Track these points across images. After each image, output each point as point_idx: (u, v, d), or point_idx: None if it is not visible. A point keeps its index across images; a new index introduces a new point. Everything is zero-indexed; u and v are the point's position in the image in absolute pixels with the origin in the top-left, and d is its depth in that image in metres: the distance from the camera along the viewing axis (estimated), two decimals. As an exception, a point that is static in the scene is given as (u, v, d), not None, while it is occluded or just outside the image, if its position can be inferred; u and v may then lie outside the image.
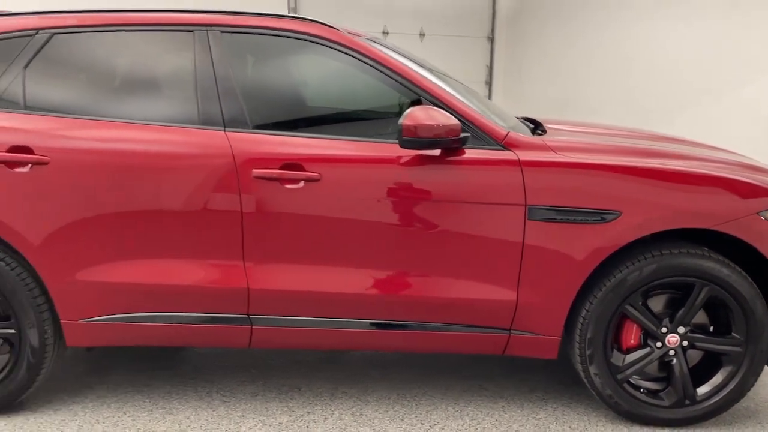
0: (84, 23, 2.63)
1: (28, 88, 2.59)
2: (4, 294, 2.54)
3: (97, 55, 2.68)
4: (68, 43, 2.63)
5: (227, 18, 2.64)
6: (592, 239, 2.48)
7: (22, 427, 2.59)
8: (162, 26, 2.64)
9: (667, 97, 7.14)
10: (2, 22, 2.64)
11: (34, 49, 2.60)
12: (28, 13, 2.67)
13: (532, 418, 2.72)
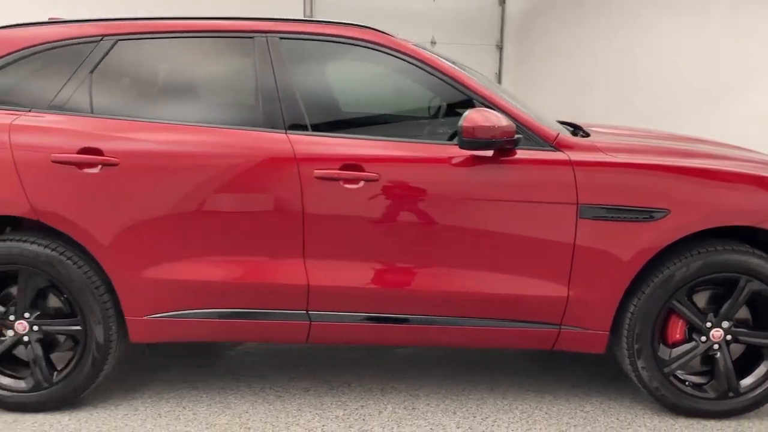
0: (147, 30, 2.72)
1: (95, 93, 2.67)
2: (71, 292, 2.61)
3: (160, 60, 2.77)
4: (132, 49, 2.72)
5: (285, 25, 2.73)
6: (641, 237, 2.58)
7: (87, 421, 2.66)
8: (223, 33, 2.73)
9: (674, 102, 7.27)
10: (68, 29, 2.73)
11: (99, 55, 2.68)
12: (92, 20, 2.76)
13: (580, 411, 2.81)
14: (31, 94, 2.68)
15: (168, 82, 2.81)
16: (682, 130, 6.55)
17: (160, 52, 2.75)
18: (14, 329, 2.67)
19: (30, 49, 2.70)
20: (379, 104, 3.04)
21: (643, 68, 7.70)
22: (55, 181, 2.54)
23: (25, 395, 2.70)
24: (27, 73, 2.71)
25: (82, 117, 2.62)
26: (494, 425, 2.67)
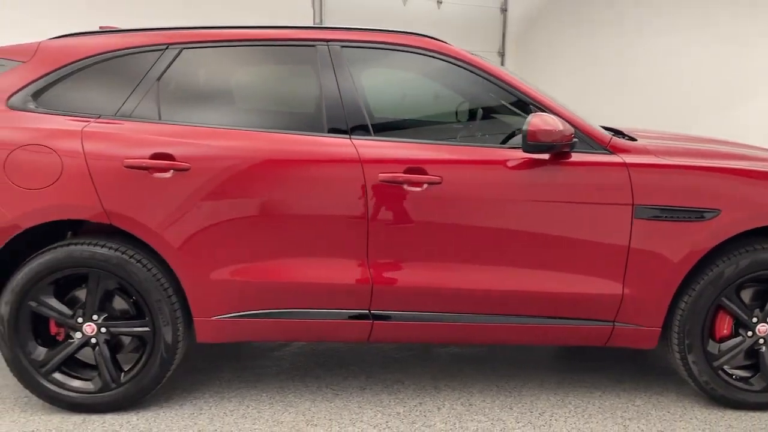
0: (211, 38, 2.80)
1: (162, 100, 2.74)
2: (141, 294, 2.67)
3: (224, 68, 2.85)
4: (197, 58, 2.79)
5: (347, 33, 2.82)
6: (693, 236, 2.68)
7: (155, 420, 2.72)
8: (285, 41, 2.81)
9: (675, 109, 7.42)
10: (133, 38, 2.80)
11: (165, 63, 2.75)
12: (156, 29, 2.83)
13: (631, 405, 2.90)
14: (98, 102, 2.74)
15: (232, 89, 2.89)
16: (691, 132, 6.70)
17: (224, 60, 2.83)
18: (82, 331, 2.72)
19: (96, 57, 2.77)
20: (436, 109, 3.13)
21: (645, 75, 7.85)
22: (128, 185, 2.60)
23: (92, 396, 2.74)
24: (93, 80, 2.77)
25: (151, 123, 2.69)
26: (552, 419, 2.76)
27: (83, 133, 2.63)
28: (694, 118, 6.93)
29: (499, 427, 2.69)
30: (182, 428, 2.65)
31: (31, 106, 2.71)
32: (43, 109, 2.71)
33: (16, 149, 2.59)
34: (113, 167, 2.60)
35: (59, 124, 2.66)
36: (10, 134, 2.63)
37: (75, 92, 2.75)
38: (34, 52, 2.81)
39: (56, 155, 2.59)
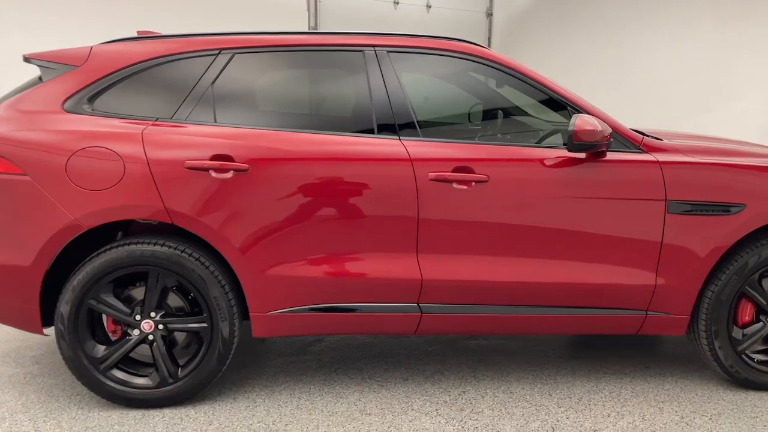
0: (262, 44, 2.90)
1: (216, 103, 2.83)
2: (200, 290, 2.76)
3: (275, 72, 2.95)
4: (249, 62, 2.89)
5: (393, 39, 2.94)
6: (720, 229, 2.87)
7: (213, 413, 2.80)
8: (334, 47, 2.92)
9: (662, 112, 7.68)
10: (186, 43, 2.88)
11: (218, 68, 2.84)
12: (208, 34, 2.92)
13: (661, 389, 3.08)
14: (153, 105, 2.82)
15: (283, 92, 2.99)
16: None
17: (274, 64, 2.93)
18: (140, 328, 2.79)
19: (149, 62, 2.84)
20: (478, 111, 3.26)
21: (631, 80, 8.09)
22: (189, 186, 2.68)
23: (150, 392, 2.82)
24: (147, 84, 2.85)
25: (209, 126, 2.78)
26: (590, 404, 2.92)
27: (144, 136, 2.70)
28: (677, 120, 7.19)
29: (543, 412, 2.84)
30: (241, 420, 2.74)
31: (87, 109, 2.77)
32: (98, 112, 2.77)
33: (77, 151, 2.66)
34: (175, 168, 2.68)
35: (119, 127, 2.73)
36: (71, 137, 2.69)
37: (129, 96, 2.82)
38: (86, 56, 2.87)
39: (118, 157, 2.66)
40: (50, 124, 2.72)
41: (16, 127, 2.72)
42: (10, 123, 2.74)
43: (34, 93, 2.81)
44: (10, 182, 2.67)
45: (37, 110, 2.77)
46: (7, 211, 2.69)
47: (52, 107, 2.77)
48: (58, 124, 2.73)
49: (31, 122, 2.73)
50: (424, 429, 2.68)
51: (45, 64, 2.86)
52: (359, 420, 2.76)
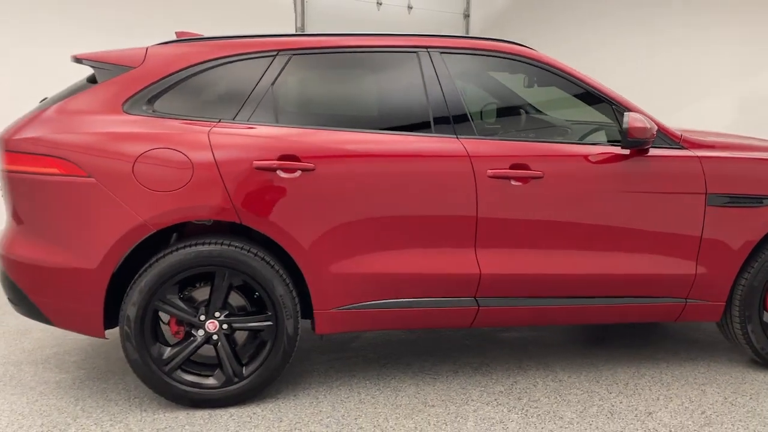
0: (319, 45, 2.94)
1: (277, 104, 2.87)
2: (265, 289, 2.78)
3: (332, 73, 3.00)
4: (306, 64, 2.94)
5: (445, 41, 3.03)
6: (754, 220, 3.06)
7: (279, 410, 2.83)
8: (389, 48, 2.99)
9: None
10: (244, 44, 2.91)
11: (277, 69, 2.88)
12: (264, 36, 2.95)
13: (698, 373, 3.26)
14: (214, 106, 2.84)
15: (340, 93, 3.04)
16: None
17: (332, 65, 2.98)
18: (204, 329, 2.80)
19: (207, 63, 2.85)
20: (526, 110, 3.37)
21: (606, 81, 8.36)
22: (258, 186, 2.71)
23: (215, 391, 2.83)
24: (207, 85, 2.86)
25: (272, 126, 2.81)
26: (637, 389, 3.07)
27: (210, 137, 2.72)
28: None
29: (596, 397, 2.97)
30: (310, 416, 2.78)
31: (148, 110, 2.77)
32: (159, 113, 2.77)
33: (145, 153, 2.66)
34: (243, 169, 2.70)
35: (184, 128, 2.74)
36: (137, 139, 2.69)
37: (189, 98, 2.83)
38: (143, 58, 2.86)
39: (186, 158, 2.67)
40: (113, 126, 2.71)
41: (76, 128, 2.70)
42: (69, 125, 2.71)
43: (91, 94, 2.79)
44: (74, 184, 2.65)
45: (95, 112, 2.75)
46: (70, 214, 2.67)
47: (112, 109, 2.76)
48: (121, 125, 2.72)
49: (91, 124, 2.71)
50: (490, 418, 2.77)
51: (100, 66, 2.84)
52: (424, 411, 2.83)
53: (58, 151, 2.65)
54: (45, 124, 2.71)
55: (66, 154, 2.65)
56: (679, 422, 2.75)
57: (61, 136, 2.68)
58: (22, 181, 2.70)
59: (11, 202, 2.76)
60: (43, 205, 2.69)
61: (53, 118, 2.73)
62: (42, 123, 2.72)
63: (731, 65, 6.66)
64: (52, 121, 2.72)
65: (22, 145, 2.68)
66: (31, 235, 2.72)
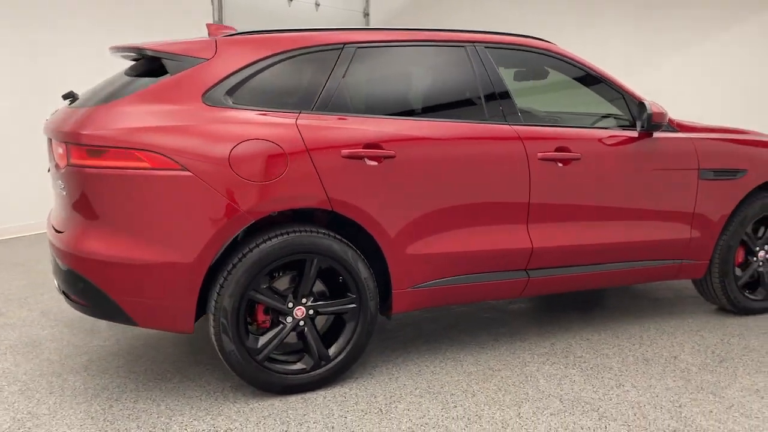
0: (381, 39, 3.11)
1: (350, 94, 2.99)
2: (351, 273, 2.90)
3: (394, 65, 3.18)
4: (370, 56, 3.08)
5: (488, 36, 3.32)
6: (732, 190, 3.69)
7: (366, 388, 2.97)
8: (442, 42, 3.22)
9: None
10: (312, 37, 3.00)
11: (346, 61, 3.00)
12: (330, 30, 3.06)
13: (689, 322, 3.85)
14: (290, 97, 2.90)
15: (402, 84, 3.21)
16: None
17: (394, 58, 3.16)
18: (293, 315, 2.87)
19: (280, 55, 2.91)
20: (557, 100, 3.74)
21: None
22: (347, 174, 2.83)
23: (304, 376, 2.90)
24: (280, 77, 2.91)
25: (354, 117, 2.93)
26: (651, 339, 3.57)
27: (299, 128, 2.79)
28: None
29: (626, 350, 3.43)
30: (397, 389, 2.95)
31: (229, 102, 2.78)
32: (240, 105, 2.79)
33: (240, 143, 2.67)
34: (333, 158, 2.80)
35: (271, 119, 2.78)
36: (230, 130, 2.69)
37: (265, 89, 2.86)
38: (214, 49, 2.85)
39: (281, 149, 2.72)
40: (201, 118, 2.69)
41: (161, 121, 2.65)
42: (152, 117, 2.65)
43: (166, 86, 2.74)
44: (167, 178, 2.60)
45: (176, 103, 2.71)
46: (164, 207, 2.62)
47: (192, 101, 2.73)
48: (208, 117, 2.70)
49: (177, 116, 2.68)
50: (554, 374, 3.12)
51: (170, 57, 2.79)
52: (495, 376, 3.12)
53: (146, 144, 2.58)
54: (122, 117, 2.63)
55: (157, 148, 2.59)
56: (701, 361, 3.27)
57: (146, 129, 2.61)
58: (99, 177, 2.60)
59: (81, 197, 2.64)
60: (129, 200, 2.61)
61: (130, 111, 2.65)
62: (118, 116, 2.63)
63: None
64: (130, 114, 2.64)
65: (98, 139, 2.58)
66: (113, 231, 2.63)
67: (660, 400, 2.86)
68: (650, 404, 2.82)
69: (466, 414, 2.74)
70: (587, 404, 2.82)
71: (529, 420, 2.68)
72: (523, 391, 2.94)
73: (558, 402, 2.84)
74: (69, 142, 2.64)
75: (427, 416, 2.71)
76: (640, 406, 2.80)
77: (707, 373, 3.14)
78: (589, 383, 3.02)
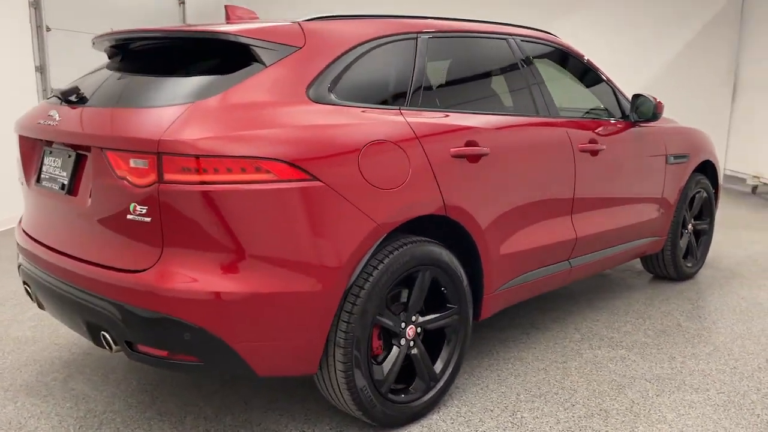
0: (450, 29, 2.94)
1: (433, 88, 2.76)
2: (454, 281, 2.66)
3: (461, 56, 3.02)
4: (440, 47, 2.88)
5: (519, 30, 3.32)
6: (682, 172, 4.21)
7: (474, 401, 2.79)
8: (484, 34, 3.14)
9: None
10: (393, 24, 2.70)
11: (424, 51, 2.75)
12: (399, 17, 2.78)
13: (637, 297, 4.30)
14: (384, 92, 2.59)
15: (468, 76, 3.05)
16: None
17: (461, 48, 3.01)
18: (405, 336, 2.57)
19: (365, 45, 2.56)
20: (569, 93, 3.80)
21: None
22: (455, 175, 2.60)
23: (420, 402, 2.61)
24: (369, 68, 2.57)
25: (448, 113, 2.71)
26: (635, 321, 3.93)
27: (411, 126, 2.49)
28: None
29: (640, 332, 3.72)
30: (504, 398, 2.82)
31: (334, 98, 2.37)
32: (344, 101, 2.40)
33: (366, 146, 2.30)
34: (445, 158, 2.56)
35: (381, 116, 2.44)
36: (353, 131, 2.31)
37: (357, 82, 2.50)
38: (302, 35, 2.41)
39: (402, 150, 2.41)
40: (317, 118, 2.26)
41: (278, 123, 2.17)
42: (267, 119, 2.16)
43: (266, 80, 2.25)
44: (298, 191, 2.13)
45: (281, 100, 2.24)
46: (293, 226, 2.14)
47: (298, 97, 2.28)
48: (324, 116, 2.28)
49: (292, 116, 2.22)
50: (612, 357, 3.26)
51: (262, 44, 2.29)
52: (584, 354, 3.28)
53: (270, 152, 2.09)
54: (233, 120, 2.10)
55: (282, 155, 2.10)
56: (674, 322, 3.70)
57: (265, 133, 2.12)
58: (212, 195, 2.03)
59: (183, 222, 2.05)
60: (250, 220, 2.08)
61: (239, 111, 2.13)
62: (228, 118, 2.10)
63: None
64: (240, 115, 2.12)
65: (212, 149, 2.02)
66: (230, 260, 2.08)
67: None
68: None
69: (590, 410, 2.72)
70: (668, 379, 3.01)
71: (642, 402, 2.77)
72: (611, 378, 3.02)
73: (646, 383, 2.97)
74: (162, 153, 2.01)
75: (561, 421, 2.64)
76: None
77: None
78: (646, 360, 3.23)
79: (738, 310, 3.97)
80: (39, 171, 2.55)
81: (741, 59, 8.97)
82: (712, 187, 4.63)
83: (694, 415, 2.67)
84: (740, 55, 8.98)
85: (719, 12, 8.93)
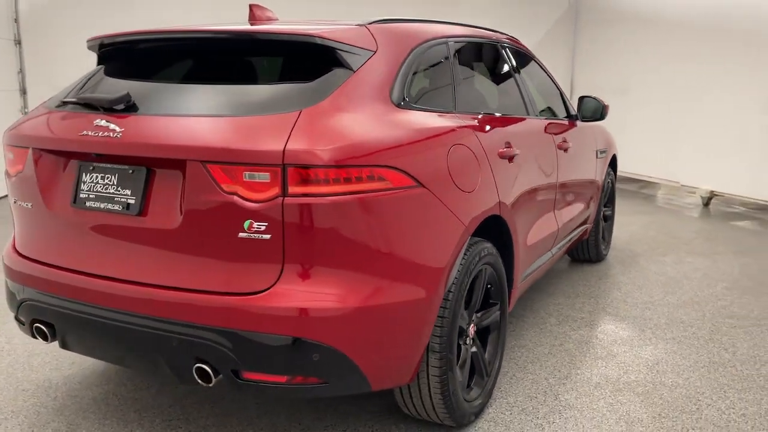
0: (468, 35, 3.03)
1: (463, 91, 2.84)
2: (500, 278, 2.76)
3: (478, 61, 3.13)
4: (466, 52, 2.99)
5: (506, 37, 3.51)
6: (602, 164, 4.72)
7: (521, 394, 2.92)
8: (484, 40, 3.28)
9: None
10: (431, 30, 2.72)
11: (453, 56, 2.82)
12: (429, 21, 2.81)
13: (573, 279, 4.77)
14: (440, 94, 2.63)
15: (484, 80, 3.15)
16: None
17: (477, 54, 3.12)
18: (469, 335, 2.63)
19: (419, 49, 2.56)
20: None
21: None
22: (501, 175, 2.70)
23: (480, 400, 2.68)
24: (423, 73, 2.59)
25: (487, 116, 2.82)
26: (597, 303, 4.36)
27: (475, 128, 2.56)
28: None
29: (602, 306, 4.13)
30: (554, 384, 2.99)
31: (408, 102, 2.35)
32: (417, 105, 2.39)
33: (450, 150, 2.35)
34: (495, 159, 2.66)
35: (449, 121, 2.48)
36: (437, 134, 2.35)
37: (422, 86, 2.55)
38: (373, 39, 2.35)
39: (472, 153, 2.47)
40: (408, 123, 2.25)
41: (384, 130, 2.13)
42: (372, 126, 2.11)
43: (356, 85, 2.17)
44: (408, 198, 2.10)
45: (372, 106, 2.18)
46: (404, 234, 2.11)
47: (384, 102, 2.24)
48: (411, 122, 2.27)
49: (391, 123, 2.19)
50: (601, 332, 3.59)
51: (349, 48, 2.20)
52: (571, 335, 3.52)
53: (387, 159, 2.04)
54: (350, 129, 2.03)
55: (396, 162, 2.06)
56: (620, 297, 4.21)
57: (381, 141, 2.07)
58: (339, 206, 1.93)
59: (306, 237, 1.92)
60: (369, 230, 2.01)
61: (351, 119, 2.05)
62: (346, 127, 2.02)
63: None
64: (353, 124, 2.05)
65: (345, 158, 1.92)
66: (353, 273, 1.99)
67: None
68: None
69: (617, 386, 2.99)
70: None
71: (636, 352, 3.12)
72: (609, 349, 3.33)
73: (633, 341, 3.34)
74: (288, 164, 1.86)
75: (600, 398, 2.86)
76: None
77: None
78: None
79: (659, 282, 4.55)
80: (76, 190, 2.18)
81: (575, 64, 10.12)
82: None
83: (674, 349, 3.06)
84: (575, 60, 10.12)
85: (560, 18, 9.96)
